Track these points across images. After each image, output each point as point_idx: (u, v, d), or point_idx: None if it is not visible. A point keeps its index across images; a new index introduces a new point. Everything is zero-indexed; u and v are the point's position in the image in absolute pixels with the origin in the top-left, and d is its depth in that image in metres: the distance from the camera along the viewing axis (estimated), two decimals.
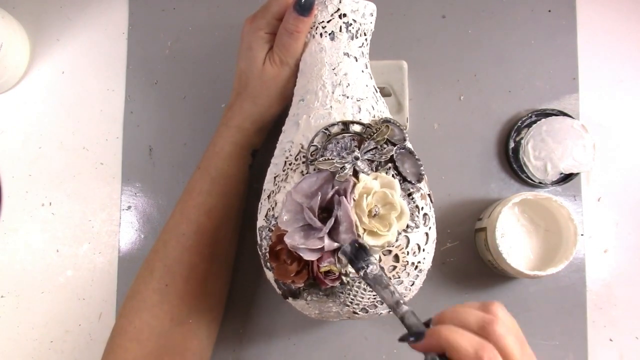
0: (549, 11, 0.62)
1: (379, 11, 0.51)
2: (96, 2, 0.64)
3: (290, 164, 0.45)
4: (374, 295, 0.44)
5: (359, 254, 0.41)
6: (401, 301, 0.38)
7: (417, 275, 0.46)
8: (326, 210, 0.43)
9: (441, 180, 0.60)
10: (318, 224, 0.42)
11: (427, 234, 0.46)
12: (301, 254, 0.42)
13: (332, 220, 0.41)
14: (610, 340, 0.59)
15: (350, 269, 0.42)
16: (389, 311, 0.47)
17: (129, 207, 0.62)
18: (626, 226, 0.60)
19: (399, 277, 0.44)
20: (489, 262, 0.57)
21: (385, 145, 0.45)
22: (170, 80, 0.63)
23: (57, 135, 0.63)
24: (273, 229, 0.44)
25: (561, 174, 0.59)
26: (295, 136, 0.46)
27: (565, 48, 0.62)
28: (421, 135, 0.61)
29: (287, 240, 0.42)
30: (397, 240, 0.43)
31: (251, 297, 0.60)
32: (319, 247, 0.42)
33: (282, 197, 0.44)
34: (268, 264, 0.46)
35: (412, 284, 0.46)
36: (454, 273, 0.59)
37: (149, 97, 0.63)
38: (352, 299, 0.44)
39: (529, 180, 0.60)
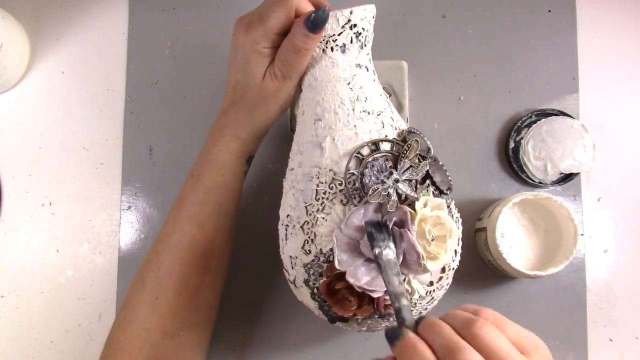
0: (549, 11, 0.62)
1: (379, 11, 0.51)
2: (96, 2, 0.64)
3: (324, 193, 0.44)
4: (422, 307, 0.45)
5: (381, 233, 0.41)
6: (405, 294, 0.38)
7: (451, 277, 0.47)
8: None
9: None
10: None
11: (459, 237, 0.47)
12: (369, 293, 0.42)
13: (400, 257, 0.41)
14: (610, 340, 0.59)
15: (415, 295, 0.43)
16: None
17: (129, 207, 0.62)
18: (626, 226, 0.60)
19: (442, 284, 0.46)
20: (489, 262, 0.57)
21: (418, 161, 0.44)
22: (170, 80, 0.63)
23: (57, 135, 0.63)
24: (323, 265, 0.43)
25: (561, 174, 0.59)
26: (322, 161, 0.44)
27: (565, 48, 0.62)
28: None
29: (351, 280, 0.41)
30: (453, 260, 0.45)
31: (251, 297, 0.60)
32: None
33: (325, 230, 0.43)
34: (318, 297, 0.45)
35: (448, 284, 0.47)
36: (454, 273, 0.59)
37: (149, 97, 0.63)
38: None
39: (529, 180, 0.60)
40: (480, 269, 0.59)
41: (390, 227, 0.42)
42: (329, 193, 0.43)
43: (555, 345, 0.58)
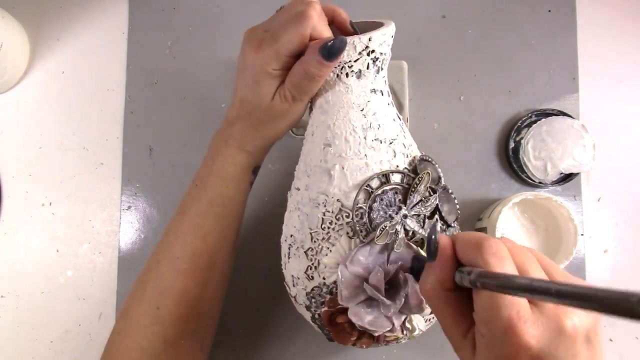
0: (549, 11, 0.62)
1: (379, 11, 0.51)
2: (96, 2, 0.64)
3: (330, 223, 0.43)
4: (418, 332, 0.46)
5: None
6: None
7: None
8: (388, 282, 0.42)
9: None
10: (387, 302, 0.42)
11: None
12: (370, 332, 0.42)
13: (402, 300, 0.41)
14: (610, 340, 0.59)
15: (415, 333, 0.44)
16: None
17: (129, 207, 0.62)
18: (626, 226, 0.60)
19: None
20: None
21: (428, 195, 0.43)
22: (170, 80, 0.63)
23: (57, 135, 0.63)
24: (326, 296, 0.43)
25: (561, 174, 0.59)
26: (329, 188, 0.43)
27: (565, 48, 0.62)
28: (421, 135, 0.61)
29: (354, 318, 0.42)
30: None
31: (252, 297, 0.60)
32: (388, 328, 0.42)
33: (329, 261, 0.43)
34: (319, 322, 0.45)
35: None
36: None
37: (149, 97, 0.63)
38: (398, 343, 0.46)
39: (529, 180, 0.60)
40: None
41: (394, 270, 0.42)
42: (335, 224, 0.43)
43: None
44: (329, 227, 0.43)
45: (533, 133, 0.59)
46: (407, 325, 0.43)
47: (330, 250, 0.43)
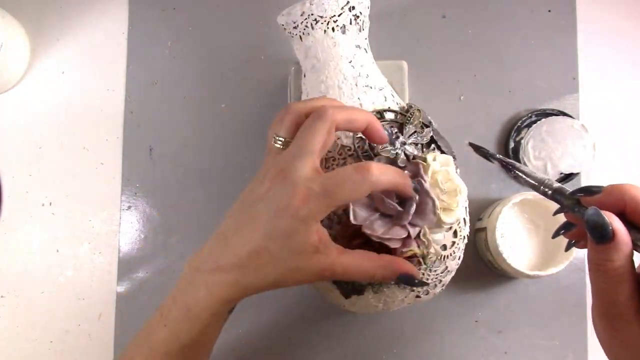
0: (549, 11, 0.62)
1: (379, 11, 0.51)
2: (96, 2, 0.64)
3: (334, 160, 0.45)
4: (436, 275, 0.45)
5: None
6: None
7: (463, 249, 0.47)
8: (396, 197, 0.43)
9: None
10: (399, 208, 0.42)
11: (465, 207, 0.47)
12: (387, 243, 0.42)
13: (414, 204, 0.42)
14: None
15: (431, 249, 0.43)
16: (442, 289, 0.47)
17: (129, 207, 0.62)
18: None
19: (455, 253, 0.45)
20: (489, 262, 0.57)
21: (422, 128, 0.46)
22: (170, 80, 0.63)
23: (57, 135, 0.63)
24: (337, 227, 0.44)
25: (561, 174, 0.59)
26: None
27: (565, 48, 0.62)
28: None
29: (368, 231, 0.41)
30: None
31: (251, 297, 0.60)
32: (404, 235, 0.42)
33: None
34: None
35: (459, 258, 0.47)
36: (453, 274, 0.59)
37: (149, 97, 0.63)
38: (417, 265, 0.44)
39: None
40: (480, 269, 0.59)
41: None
42: (338, 159, 0.45)
43: (555, 345, 0.58)
44: (332, 164, 0.45)
45: (533, 133, 0.59)
46: (422, 239, 0.43)
47: None
